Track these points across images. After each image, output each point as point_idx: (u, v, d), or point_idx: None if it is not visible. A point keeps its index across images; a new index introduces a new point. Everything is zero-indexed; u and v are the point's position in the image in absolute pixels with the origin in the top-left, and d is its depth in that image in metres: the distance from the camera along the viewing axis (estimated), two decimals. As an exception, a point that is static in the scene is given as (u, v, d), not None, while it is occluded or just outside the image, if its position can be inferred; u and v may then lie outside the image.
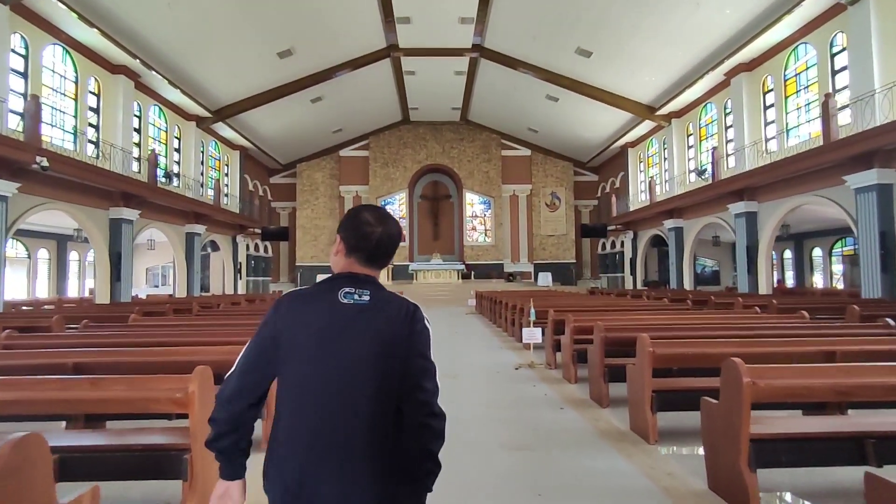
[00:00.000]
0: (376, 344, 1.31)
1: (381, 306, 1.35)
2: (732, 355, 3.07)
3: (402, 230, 1.51)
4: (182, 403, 2.45)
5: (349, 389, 1.28)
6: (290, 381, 1.30)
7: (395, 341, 1.33)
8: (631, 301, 9.58)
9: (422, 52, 19.45)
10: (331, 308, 1.33)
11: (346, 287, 1.36)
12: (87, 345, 4.00)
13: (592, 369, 4.92)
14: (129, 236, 14.43)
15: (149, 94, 16.25)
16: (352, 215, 1.44)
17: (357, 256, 1.40)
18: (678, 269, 19.14)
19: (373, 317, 1.33)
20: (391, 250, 1.44)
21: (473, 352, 8.40)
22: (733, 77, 15.37)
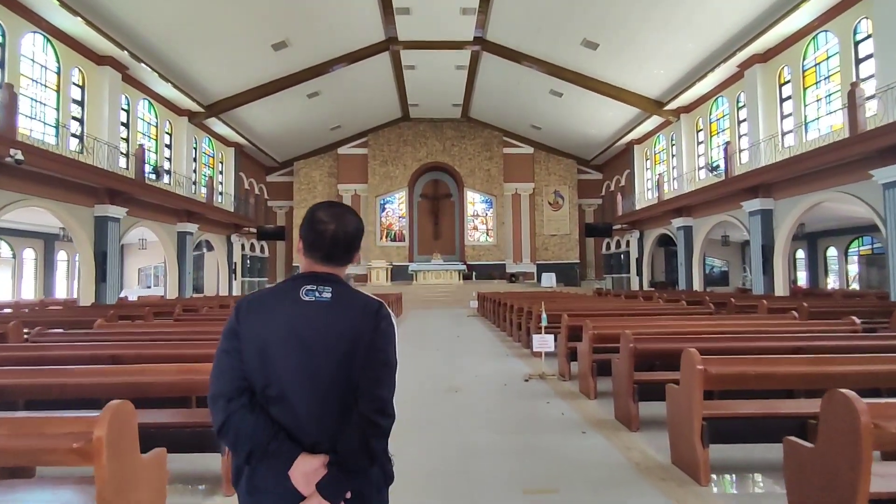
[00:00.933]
0: (339, 340, 1.32)
1: (344, 303, 1.36)
2: (806, 376, 2.42)
3: (360, 225, 1.46)
4: (85, 454, 1.86)
5: (314, 382, 1.30)
6: (258, 377, 1.32)
7: (359, 338, 1.33)
8: (645, 304, 8.92)
9: (422, 45, 18.79)
10: (293, 306, 1.34)
11: (307, 285, 1.36)
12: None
13: (619, 385, 4.26)
14: (115, 235, 13.79)
15: (138, 88, 15.60)
16: (308, 214, 1.43)
17: (315, 255, 1.40)
18: (687, 270, 18.48)
19: (335, 314, 1.34)
20: (350, 247, 1.42)
21: (477, 360, 7.74)
22: (747, 69, 14.71)
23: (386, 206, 27.09)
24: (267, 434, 1.27)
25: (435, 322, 14.82)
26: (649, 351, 4.02)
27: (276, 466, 1.27)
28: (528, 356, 7.85)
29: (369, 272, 24.80)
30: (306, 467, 1.26)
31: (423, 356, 8.14)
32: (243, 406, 1.29)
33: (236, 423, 1.27)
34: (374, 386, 1.31)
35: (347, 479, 1.28)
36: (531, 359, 7.54)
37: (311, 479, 1.26)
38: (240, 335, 1.33)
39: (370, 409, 1.29)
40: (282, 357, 1.30)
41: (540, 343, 5.91)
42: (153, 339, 4.65)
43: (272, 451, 1.26)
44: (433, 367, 7.05)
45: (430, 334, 11.58)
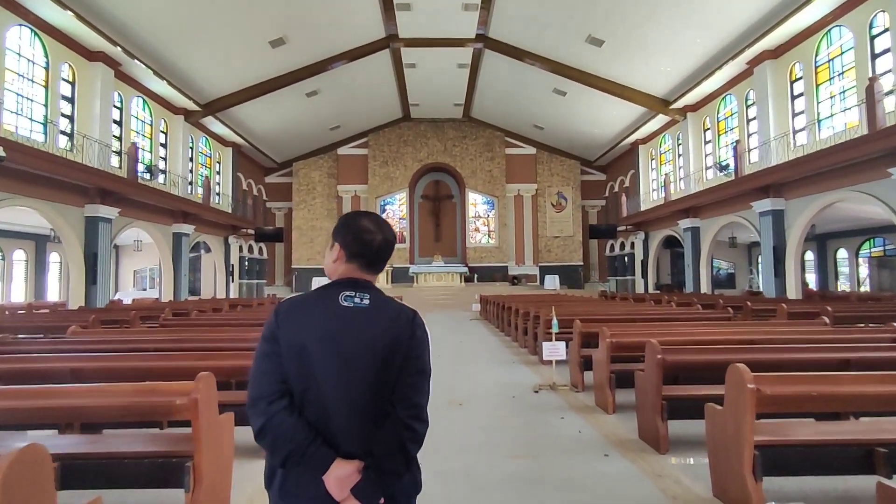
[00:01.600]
0: (377, 345, 1.35)
1: (382, 310, 1.40)
2: (879, 397, 2.01)
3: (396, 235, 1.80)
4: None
5: (351, 387, 1.32)
6: (296, 381, 1.33)
7: (396, 344, 1.37)
8: (657, 308, 8.48)
9: (423, 42, 18.41)
10: (333, 311, 1.37)
11: (346, 291, 1.40)
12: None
13: (643, 400, 3.82)
14: (106, 236, 13.37)
15: (131, 85, 15.21)
16: (350, 222, 1.48)
17: (359, 262, 1.45)
18: (695, 272, 18.04)
19: (373, 319, 1.37)
20: (388, 256, 1.50)
21: (481, 367, 7.30)
22: (757, 65, 14.31)
23: (386, 208, 26.67)
24: (306, 437, 1.28)
25: (436, 325, 14.38)
26: (681, 364, 3.58)
27: (313, 470, 1.28)
28: (535, 364, 7.42)
29: (369, 274, 24.31)
30: (341, 472, 1.27)
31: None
32: (284, 408, 1.30)
33: (276, 425, 1.28)
34: (411, 392, 1.35)
35: (382, 483, 1.28)
36: (539, 367, 7.10)
37: (345, 485, 1.26)
38: (279, 339, 1.35)
39: (408, 415, 1.32)
40: (320, 361, 1.32)
41: (550, 351, 5.48)
42: (129, 348, 4.23)
43: (310, 454, 1.27)
44: (434, 376, 6.60)
45: (432, 338, 11.14)
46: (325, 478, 1.26)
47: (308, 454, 1.26)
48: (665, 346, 3.63)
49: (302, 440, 1.27)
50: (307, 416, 1.31)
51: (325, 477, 1.26)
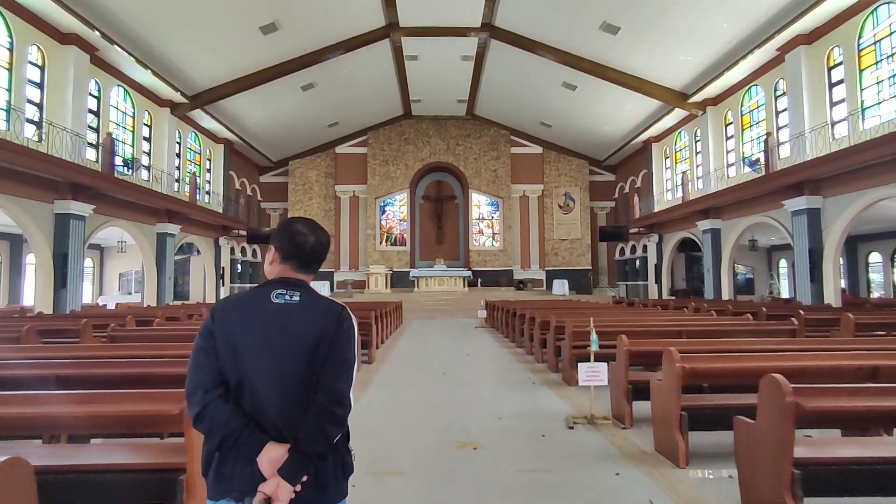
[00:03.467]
0: (305, 339, 1.45)
1: (311, 305, 1.50)
2: None
3: (330, 238, 1.73)
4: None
5: (281, 378, 1.43)
6: (231, 373, 1.44)
7: (323, 337, 1.46)
8: (699, 317, 7.26)
9: (425, 31, 17.30)
10: (265, 308, 1.47)
11: (278, 289, 1.50)
12: None
13: (753, 464, 2.61)
14: (78, 235, 12.21)
15: (110, 73, 14.10)
16: (286, 226, 1.60)
17: (292, 263, 1.56)
18: (715, 277, 16.84)
19: (303, 315, 1.48)
20: (322, 257, 1.61)
21: (496, 391, 6.04)
22: (789, 52, 13.17)
23: (386, 209, 25.53)
24: (239, 423, 1.39)
25: (438, 334, 13.18)
26: (831, 412, 2.38)
27: (246, 453, 1.38)
28: (559, 385, 6.21)
29: (367, 278, 23.18)
30: (273, 454, 1.38)
31: (425, 383, 6.49)
32: (218, 397, 1.41)
33: (211, 413, 1.39)
34: (332, 380, 1.44)
35: (306, 463, 1.38)
36: (566, 389, 5.90)
37: (276, 465, 1.36)
38: (214, 334, 1.46)
39: (328, 400, 1.41)
40: (252, 354, 1.43)
41: (589, 375, 4.28)
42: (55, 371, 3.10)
43: (243, 438, 1.38)
44: (438, 403, 5.41)
45: (433, 351, 9.94)
46: (258, 459, 1.37)
47: (241, 438, 1.38)
48: (800, 388, 2.41)
49: (234, 426, 1.38)
50: (243, 404, 1.43)
51: (258, 458, 1.37)
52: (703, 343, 4.37)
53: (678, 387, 3.37)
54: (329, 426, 1.39)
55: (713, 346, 4.16)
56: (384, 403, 5.42)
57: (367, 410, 4.99)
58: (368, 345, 7.97)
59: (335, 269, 25.03)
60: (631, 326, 6.15)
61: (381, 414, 4.95)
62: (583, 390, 5.58)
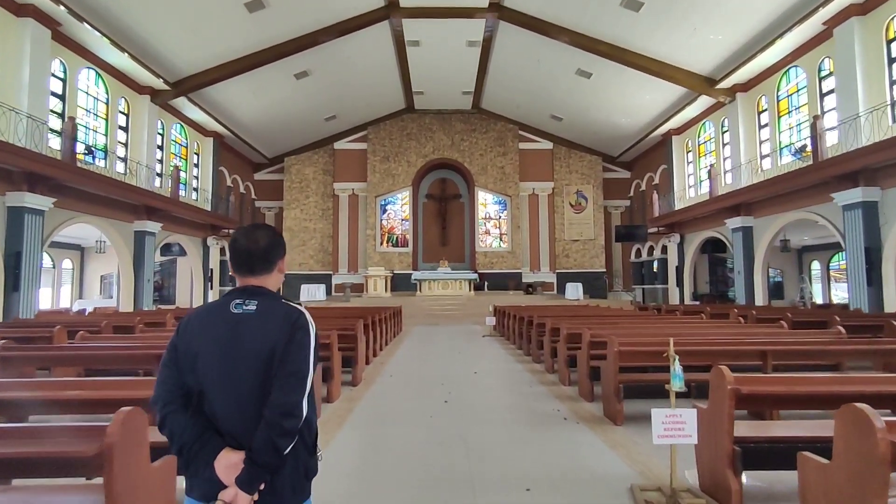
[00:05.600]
0: (260, 349, 1.47)
1: (267, 314, 1.51)
2: None
3: (273, 237, 1.64)
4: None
5: (237, 388, 1.46)
6: (194, 384, 1.49)
7: (276, 346, 1.47)
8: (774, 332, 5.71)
9: (427, 11, 15.87)
10: (223, 318, 1.51)
11: (236, 299, 1.54)
12: None
13: None
14: (35, 232, 10.83)
15: (79, 53, 12.75)
16: (231, 239, 1.64)
17: (238, 270, 1.60)
18: (748, 280, 15.24)
19: (258, 324, 1.49)
20: (265, 257, 1.60)
21: (516, 433, 4.38)
22: (838, 25, 11.63)
23: (387, 208, 24.09)
24: (194, 432, 1.45)
25: (442, 344, 11.68)
26: None
27: (205, 458, 1.43)
28: (601, 422, 4.66)
29: (366, 281, 21.73)
30: (228, 461, 1.43)
31: (419, 418, 4.93)
32: (176, 410, 1.47)
33: (169, 424, 1.46)
34: (280, 393, 1.43)
35: (260, 473, 1.41)
36: (611, 430, 4.35)
37: (232, 472, 1.41)
38: (178, 348, 1.52)
39: (276, 413, 1.41)
40: (209, 366, 1.48)
41: (670, 427, 2.77)
42: None
43: (197, 447, 1.44)
44: (434, 455, 3.87)
45: (435, 366, 8.45)
46: (215, 464, 1.43)
47: (196, 447, 1.44)
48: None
49: (189, 437, 1.44)
50: (206, 412, 1.48)
51: (215, 464, 1.43)
52: (854, 380, 2.84)
53: (882, 476, 1.83)
54: (278, 438, 1.41)
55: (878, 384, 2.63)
56: (358, 454, 3.91)
57: (332, 466, 3.49)
58: (352, 362, 6.47)
59: (333, 271, 23.61)
60: (691, 345, 4.62)
61: (351, 475, 3.45)
62: (638, 433, 4.05)
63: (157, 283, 20.06)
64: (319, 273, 23.56)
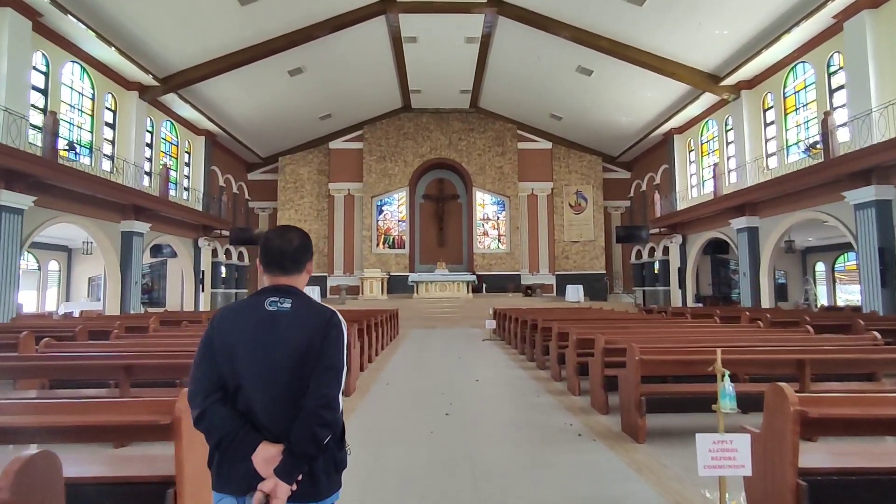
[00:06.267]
0: (296, 344, 1.53)
1: (301, 312, 1.58)
2: None
3: (304, 239, 1.71)
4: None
5: (274, 382, 1.51)
6: (230, 378, 1.53)
7: (312, 342, 1.53)
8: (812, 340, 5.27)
9: (424, 6, 15.48)
10: (259, 315, 1.56)
11: (270, 297, 1.59)
12: None
13: None
14: (13, 231, 10.33)
15: (62, 46, 12.26)
16: (262, 238, 1.71)
17: (270, 269, 1.66)
18: (753, 282, 14.86)
19: (293, 321, 1.55)
20: (294, 256, 1.66)
21: (528, 451, 3.91)
22: (849, 18, 11.28)
23: (383, 209, 23.64)
24: (234, 425, 1.48)
25: (440, 349, 11.22)
26: None
27: (242, 452, 1.47)
28: (620, 438, 4.17)
29: (362, 283, 21.25)
30: (266, 454, 1.46)
31: (419, 434, 4.45)
32: (216, 401, 1.50)
33: (210, 416, 1.49)
34: (320, 385, 1.49)
35: (298, 464, 1.45)
36: (633, 449, 3.89)
37: (270, 464, 1.45)
38: (213, 342, 1.56)
39: (316, 405, 1.47)
40: (246, 361, 1.52)
41: (719, 456, 2.33)
42: None
43: (239, 439, 1.47)
44: (437, 480, 3.42)
45: (433, 373, 8.00)
46: (253, 458, 1.46)
47: (237, 439, 1.47)
48: None
49: (230, 429, 1.47)
50: (240, 406, 1.52)
51: (253, 457, 1.46)
52: None
53: None
54: (318, 429, 1.46)
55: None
56: (350, 479, 3.46)
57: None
58: (346, 371, 6.02)
59: (328, 273, 23.12)
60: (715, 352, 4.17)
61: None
62: (664, 452, 3.62)
63: (147, 285, 19.53)
64: (314, 275, 22.97)
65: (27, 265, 18.14)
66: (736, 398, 2.80)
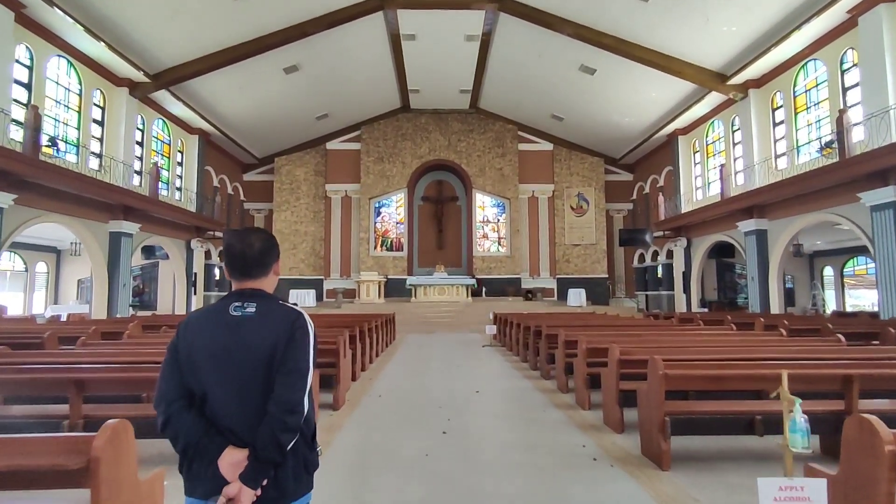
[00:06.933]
0: (261, 349, 1.50)
1: (267, 316, 1.55)
2: None
3: (267, 241, 1.64)
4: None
5: (239, 389, 1.49)
6: (195, 385, 1.52)
7: (277, 346, 1.50)
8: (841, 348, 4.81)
9: (424, 2, 15.05)
10: (223, 321, 1.54)
11: (235, 301, 1.57)
12: None
13: None
14: (-9, 231, 9.82)
15: (48, 39, 11.80)
16: (225, 242, 1.71)
17: (233, 274, 1.63)
18: (762, 287, 14.39)
19: (258, 326, 1.53)
20: (258, 259, 1.61)
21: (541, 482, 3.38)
22: (864, 13, 10.85)
23: (381, 210, 23.17)
24: (198, 431, 1.48)
25: (438, 355, 10.73)
26: None
27: (209, 457, 1.46)
28: (642, 464, 3.70)
29: (359, 286, 20.75)
30: (232, 459, 1.46)
31: (413, 458, 3.94)
32: (181, 408, 1.49)
33: (174, 423, 1.48)
34: (283, 390, 1.47)
35: (264, 469, 1.44)
36: (658, 478, 3.42)
37: (236, 469, 1.44)
38: (178, 348, 1.55)
39: (279, 410, 1.45)
40: (210, 366, 1.50)
41: (790, 500, 1.87)
42: None
43: (203, 445, 1.47)
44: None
45: (431, 383, 7.50)
46: (219, 462, 1.45)
47: (201, 445, 1.47)
48: None
49: (194, 435, 1.47)
50: (207, 412, 1.50)
51: (219, 462, 1.45)
52: None
53: None
54: (281, 434, 1.44)
55: None
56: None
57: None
58: (333, 383, 5.50)
59: (325, 276, 22.62)
60: (744, 366, 3.69)
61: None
62: (693, 483, 3.13)
63: (138, 287, 19.03)
64: (310, 278, 22.57)
65: (13, 266, 17.62)
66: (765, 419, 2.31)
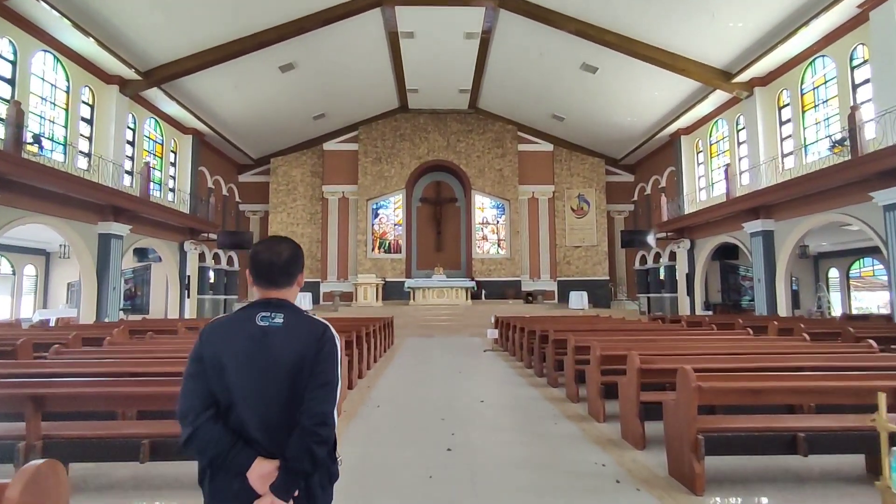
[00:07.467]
0: (289, 360, 1.50)
1: (294, 328, 1.54)
2: None
3: (295, 250, 1.66)
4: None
5: (266, 400, 1.48)
6: (221, 395, 1.49)
7: (305, 359, 1.50)
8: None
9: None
10: (250, 331, 1.52)
11: (261, 311, 1.56)
12: None
13: None
14: (-29, 232, 9.40)
15: (32, 33, 11.40)
16: (252, 249, 1.67)
17: (259, 282, 1.62)
18: (769, 289, 14.07)
19: (286, 338, 1.52)
20: (285, 269, 1.62)
21: None
22: (875, 8, 10.56)
23: (379, 212, 22.79)
24: (227, 442, 1.45)
25: (439, 361, 10.34)
26: None
27: (235, 469, 1.45)
28: (665, 484, 3.36)
29: (356, 289, 20.36)
30: (262, 470, 1.45)
31: (419, 478, 3.60)
32: (208, 420, 1.46)
33: (202, 435, 1.45)
34: (315, 403, 1.47)
35: (295, 480, 1.45)
36: (682, 497, 3.06)
37: (266, 481, 1.44)
38: (203, 358, 1.51)
39: (312, 423, 1.45)
40: (238, 377, 1.48)
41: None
42: None
43: (232, 457, 1.45)
44: None
45: (432, 391, 7.12)
46: (248, 474, 1.43)
47: (230, 457, 1.44)
48: None
49: (223, 446, 1.44)
50: (233, 423, 1.48)
51: (248, 474, 1.43)
52: None
53: None
54: (315, 446, 1.44)
55: None
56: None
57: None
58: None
59: (321, 279, 22.21)
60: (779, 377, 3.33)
61: None
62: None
63: (130, 291, 18.58)
64: (307, 281, 22.12)
65: (0, 269, 17.17)
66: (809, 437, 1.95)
